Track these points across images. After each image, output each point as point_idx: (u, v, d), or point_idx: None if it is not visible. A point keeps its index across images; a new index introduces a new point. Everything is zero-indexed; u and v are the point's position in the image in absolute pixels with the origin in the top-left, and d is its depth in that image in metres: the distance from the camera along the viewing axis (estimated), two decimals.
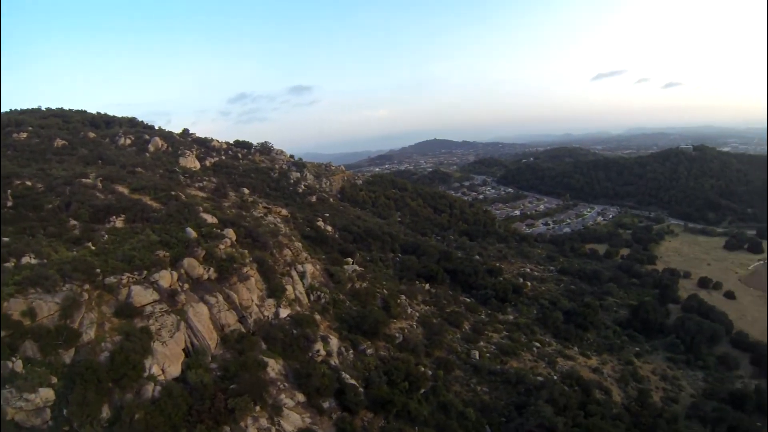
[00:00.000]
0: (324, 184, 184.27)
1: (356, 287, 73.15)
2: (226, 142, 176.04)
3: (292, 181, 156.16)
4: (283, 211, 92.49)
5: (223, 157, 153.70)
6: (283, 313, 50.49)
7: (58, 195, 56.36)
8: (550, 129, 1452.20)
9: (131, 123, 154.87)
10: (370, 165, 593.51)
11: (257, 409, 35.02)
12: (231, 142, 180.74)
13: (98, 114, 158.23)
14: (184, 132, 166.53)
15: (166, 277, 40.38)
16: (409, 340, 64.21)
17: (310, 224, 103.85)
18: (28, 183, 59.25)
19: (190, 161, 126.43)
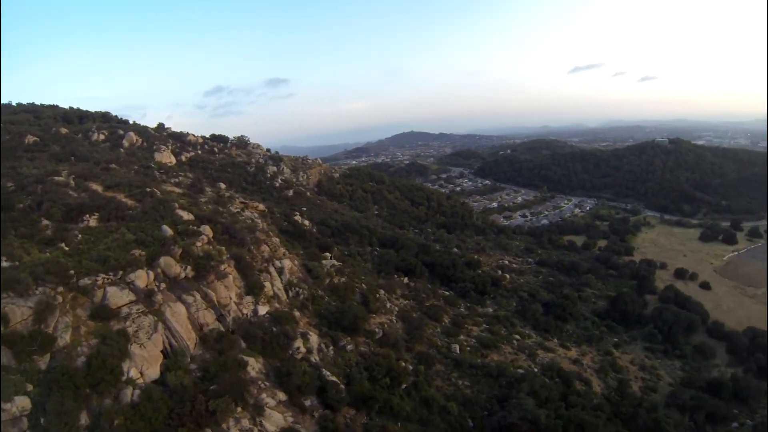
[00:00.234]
0: (301, 178, 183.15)
1: (335, 282, 72.68)
2: (202, 137, 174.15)
3: (269, 176, 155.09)
4: (260, 206, 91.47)
5: (199, 152, 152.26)
6: (262, 311, 49.92)
7: (30, 194, 54.65)
8: (528, 121, 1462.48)
9: (105, 118, 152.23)
10: (347, 158, 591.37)
11: (239, 409, 34.54)
12: (207, 137, 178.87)
13: (71, 109, 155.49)
14: (160, 126, 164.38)
15: (142, 277, 39.47)
16: (389, 335, 63.95)
17: (288, 219, 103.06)
18: None
19: (166, 156, 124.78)
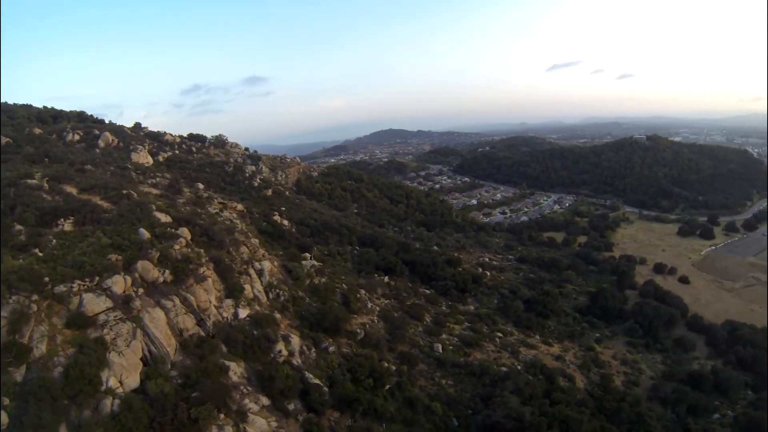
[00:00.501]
0: (280, 177, 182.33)
1: (315, 283, 72.08)
2: (180, 136, 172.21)
3: (247, 175, 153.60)
4: (239, 206, 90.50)
5: (177, 152, 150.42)
6: (243, 314, 49.17)
7: (2, 198, 53.30)
8: (506, 118, 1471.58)
9: (80, 117, 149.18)
10: (326, 156, 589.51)
11: (221, 416, 33.88)
12: (185, 136, 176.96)
13: (45, 108, 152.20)
14: (136, 126, 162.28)
15: (119, 283, 38.52)
16: (371, 336, 63.58)
17: (267, 219, 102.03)
18: None
19: (143, 157, 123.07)
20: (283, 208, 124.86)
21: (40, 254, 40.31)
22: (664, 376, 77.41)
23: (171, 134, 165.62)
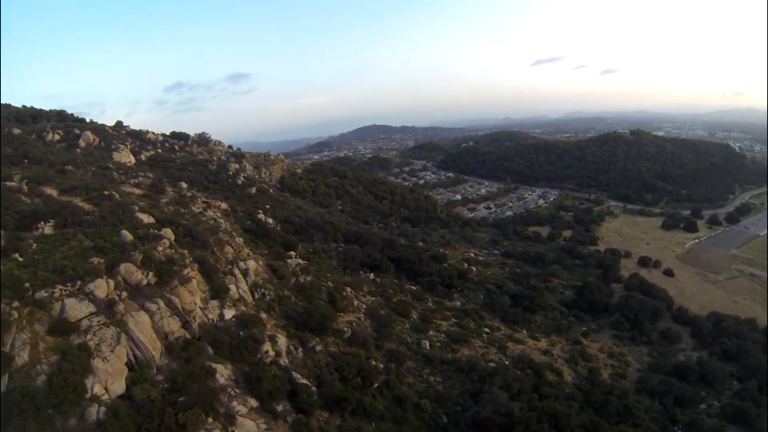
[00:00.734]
0: (264, 174, 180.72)
1: (301, 281, 71.57)
2: (162, 134, 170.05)
3: (231, 173, 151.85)
4: (223, 205, 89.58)
5: (159, 150, 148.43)
6: (228, 315, 48.68)
7: None
8: (490, 113, 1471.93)
9: (60, 116, 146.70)
10: (310, 152, 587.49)
11: (209, 420, 33.36)
12: (167, 134, 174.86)
13: (24, 108, 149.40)
14: (118, 124, 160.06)
15: (102, 287, 37.87)
16: (358, 334, 63.29)
17: (251, 217, 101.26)
18: None
19: (125, 156, 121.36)
20: (268, 206, 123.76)
21: (20, 259, 39.34)
22: (651, 369, 78.30)
23: (153, 133, 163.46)
